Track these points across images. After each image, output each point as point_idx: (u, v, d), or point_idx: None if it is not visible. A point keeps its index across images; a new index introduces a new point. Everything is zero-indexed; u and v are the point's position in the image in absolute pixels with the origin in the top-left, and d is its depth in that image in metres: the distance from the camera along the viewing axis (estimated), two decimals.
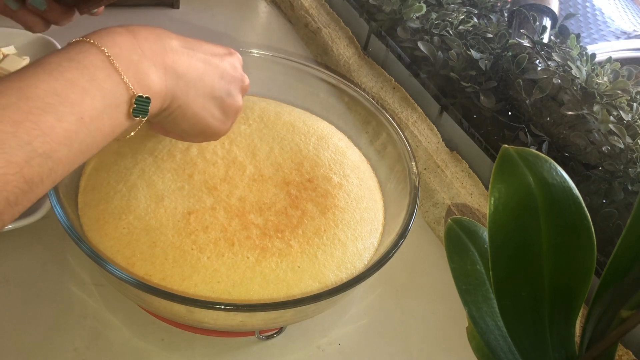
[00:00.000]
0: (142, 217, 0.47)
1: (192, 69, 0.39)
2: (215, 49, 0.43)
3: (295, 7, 0.90)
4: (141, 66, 0.36)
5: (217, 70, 0.42)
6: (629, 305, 0.31)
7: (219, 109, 0.43)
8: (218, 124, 0.44)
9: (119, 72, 0.34)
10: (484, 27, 0.71)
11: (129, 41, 0.36)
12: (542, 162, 0.35)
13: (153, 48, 0.37)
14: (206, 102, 0.41)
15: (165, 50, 0.38)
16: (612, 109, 0.57)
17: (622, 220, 0.52)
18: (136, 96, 0.35)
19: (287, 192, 0.52)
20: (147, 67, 0.36)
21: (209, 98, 0.42)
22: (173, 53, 0.38)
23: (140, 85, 0.35)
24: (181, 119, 0.41)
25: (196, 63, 0.40)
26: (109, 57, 0.34)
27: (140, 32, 0.37)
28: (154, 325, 0.50)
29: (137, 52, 0.36)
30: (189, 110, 0.40)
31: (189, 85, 0.39)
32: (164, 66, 0.37)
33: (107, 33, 0.35)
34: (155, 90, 0.37)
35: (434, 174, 0.64)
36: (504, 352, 0.36)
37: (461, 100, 0.65)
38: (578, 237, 0.34)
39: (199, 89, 0.40)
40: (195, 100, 0.40)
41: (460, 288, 0.38)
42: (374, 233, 0.52)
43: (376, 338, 0.53)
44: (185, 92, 0.39)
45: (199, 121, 0.42)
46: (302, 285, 0.46)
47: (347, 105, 0.62)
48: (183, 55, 0.39)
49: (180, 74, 0.38)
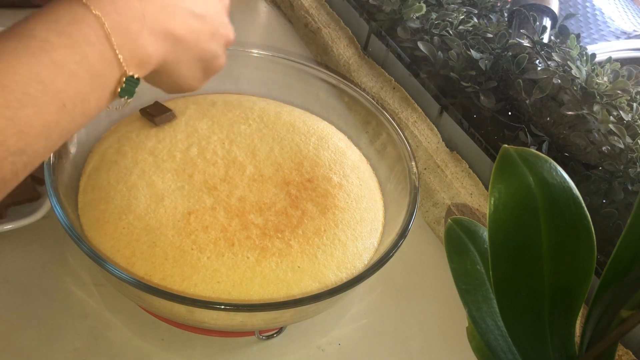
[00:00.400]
0: (142, 217, 0.47)
1: (190, 32, 0.36)
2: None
3: (295, 7, 0.90)
4: (140, 39, 0.32)
5: (211, 29, 0.39)
6: (629, 305, 0.31)
7: (202, 70, 0.41)
8: (197, 83, 0.42)
9: (113, 49, 0.30)
10: (484, 27, 0.71)
11: (132, 4, 0.32)
12: (542, 162, 0.35)
13: (157, 10, 0.33)
14: (193, 64, 0.39)
15: (167, 13, 0.34)
16: (612, 109, 0.57)
17: (622, 220, 0.52)
18: (127, 76, 0.32)
19: (287, 192, 0.52)
20: (145, 39, 0.32)
21: (197, 60, 0.39)
22: (174, 12, 0.35)
23: (135, 62, 0.32)
24: (165, 77, 0.39)
25: (194, 23, 0.37)
26: (105, 28, 0.30)
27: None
28: (154, 325, 0.50)
29: (138, 19, 0.32)
30: (176, 72, 0.38)
31: (183, 49, 0.37)
32: (164, 32, 0.34)
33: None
34: (148, 62, 0.34)
35: (434, 174, 0.64)
36: (504, 352, 0.36)
37: (461, 100, 0.65)
38: (578, 237, 0.34)
39: (191, 53, 0.38)
40: (184, 64, 0.38)
41: (460, 288, 0.38)
42: (374, 233, 0.52)
43: (376, 338, 0.53)
44: (177, 57, 0.37)
45: (180, 80, 0.40)
46: (302, 285, 0.46)
47: (347, 105, 0.62)
48: (183, 12, 0.36)
49: (178, 39, 0.35)
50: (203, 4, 0.38)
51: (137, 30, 0.32)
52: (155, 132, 0.55)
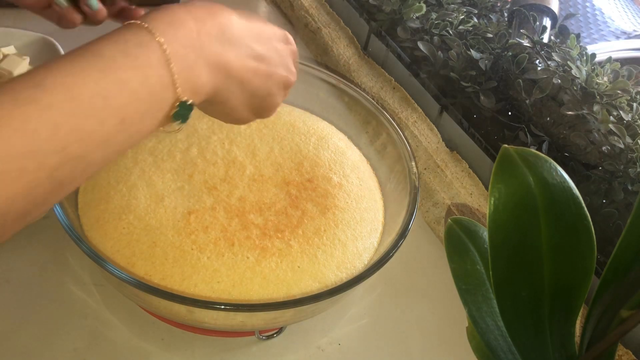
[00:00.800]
0: (142, 217, 0.47)
1: (245, 68, 0.38)
2: (272, 35, 0.42)
3: (295, 7, 0.90)
4: (195, 67, 0.34)
5: (268, 69, 0.40)
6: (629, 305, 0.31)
7: (255, 106, 0.42)
8: (249, 117, 0.43)
9: (172, 74, 0.32)
10: (484, 27, 0.71)
11: (190, 35, 0.34)
12: (542, 162, 0.35)
13: (213, 44, 0.35)
14: (246, 99, 0.40)
15: (224, 48, 0.36)
16: (612, 109, 0.57)
17: (622, 220, 0.52)
18: (181, 101, 0.34)
19: (287, 192, 0.52)
20: (201, 68, 0.34)
21: (250, 96, 0.40)
22: (231, 49, 0.37)
23: (189, 88, 0.34)
24: (218, 109, 0.40)
25: (250, 62, 0.38)
26: (167, 54, 0.32)
27: (204, 21, 0.35)
28: (154, 325, 0.50)
29: (195, 50, 0.34)
30: (228, 104, 0.40)
31: (236, 83, 0.38)
32: (218, 66, 0.36)
33: (170, 21, 0.33)
34: (202, 90, 0.35)
35: (434, 174, 0.64)
36: (504, 352, 0.36)
37: (461, 100, 0.65)
38: (578, 237, 0.34)
39: (245, 88, 0.39)
40: (237, 97, 0.39)
41: (460, 288, 0.38)
42: (374, 233, 0.52)
43: (376, 338, 0.53)
44: (231, 90, 0.38)
45: (232, 113, 0.41)
46: (302, 285, 0.46)
47: (347, 105, 0.62)
48: (240, 51, 0.37)
49: (231, 74, 0.37)
50: (265, 44, 0.40)
51: (193, 59, 0.34)
52: (155, 132, 0.55)
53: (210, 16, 0.36)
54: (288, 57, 0.43)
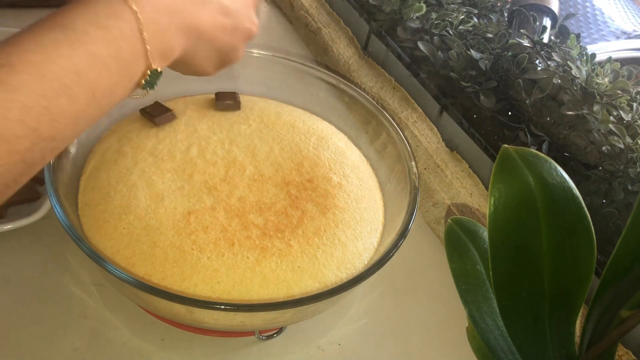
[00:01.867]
0: (142, 217, 0.47)
1: (214, 26, 0.38)
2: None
3: (295, 7, 0.90)
4: (167, 32, 0.34)
5: (234, 23, 0.40)
6: (629, 305, 0.31)
7: (219, 59, 0.42)
8: (212, 70, 0.43)
9: (143, 43, 0.32)
10: (484, 27, 0.71)
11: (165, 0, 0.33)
12: (542, 162, 0.35)
13: (187, 5, 0.35)
14: (211, 54, 0.40)
15: (197, 6, 0.36)
16: (612, 109, 0.57)
17: (622, 220, 0.52)
18: (152, 69, 0.33)
19: (287, 192, 0.52)
20: (172, 32, 0.34)
21: (215, 51, 0.40)
22: (203, 7, 0.36)
23: (160, 55, 0.34)
24: (182, 64, 0.40)
25: (219, 18, 0.38)
26: (140, 23, 0.31)
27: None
28: (154, 325, 0.50)
29: (169, 14, 0.33)
30: (194, 61, 0.39)
31: (204, 42, 0.38)
32: (190, 27, 0.35)
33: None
34: (172, 56, 0.35)
35: (434, 174, 0.64)
36: (504, 352, 0.36)
37: (461, 100, 0.65)
38: (578, 237, 0.34)
39: (211, 45, 0.39)
40: (203, 54, 0.39)
41: (460, 288, 0.38)
42: (374, 233, 0.52)
43: (376, 338, 0.53)
44: (198, 48, 0.38)
45: (196, 68, 0.41)
46: (302, 285, 0.46)
47: (347, 105, 0.62)
48: (210, 6, 0.37)
49: (200, 34, 0.37)
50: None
51: (166, 25, 0.33)
52: (155, 132, 0.55)
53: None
54: (250, 7, 0.43)
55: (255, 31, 0.44)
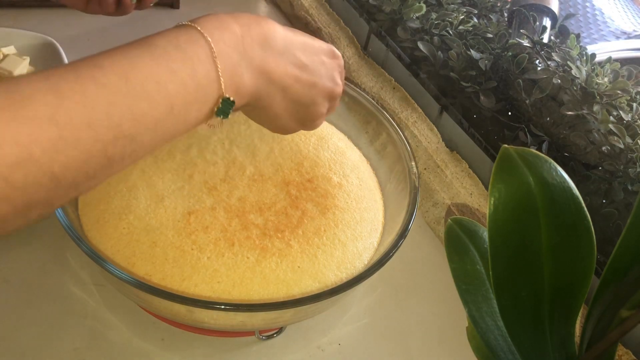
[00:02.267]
0: (142, 217, 0.47)
1: (286, 75, 0.40)
2: (318, 48, 0.43)
3: (295, 7, 0.90)
4: (239, 67, 0.36)
5: (311, 78, 0.42)
6: (629, 305, 0.31)
7: (299, 114, 0.43)
8: (294, 125, 0.44)
9: (217, 70, 0.35)
10: (484, 27, 0.71)
11: (235, 38, 0.36)
12: (542, 162, 0.35)
13: (255, 49, 0.37)
14: (289, 106, 0.42)
15: (266, 54, 0.38)
16: (612, 109, 0.57)
17: (622, 220, 0.52)
18: (223, 97, 0.35)
19: (287, 192, 0.52)
20: (243, 69, 0.36)
21: (293, 103, 0.42)
22: (273, 56, 0.39)
23: (232, 86, 0.36)
24: (262, 114, 0.42)
25: (292, 69, 0.40)
26: (213, 52, 0.34)
27: (249, 27, 0.37)
28: (154, 325, 0.50)
29: (239, 51, 0.36)
30: (271, 110, 0.41)
31: (278, 89, 0.40)
32: (260, 70, 0.38)
33: (217, 24, 0.36)
34: (244, 91, 0.37)
35: (434, 174, 0.64)
36: (504, 352, 0.36)
37: (461, 100, 0.65)
38: (578, 237, 0.34)
39: (286, 95, 0.41)
40: (280, 104, 0.41)
41: (460, 288, 0.38)
42: (373, 233, 0.52)
43: (376, 338, 0.53)
44: (272, 95, 0.40)
45: (276, 120, 0.43)
46: (302, 285, 0.46)
47: (347, 105, 0.62)
48: (282, 59, 0.39)
49: (273, 79, 0.39)
50: (310, 55, 0.42)
51: (237, 60, 0.36)
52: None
53: (255, 23, 0.38)
54: (334, 70, 0.45)
55: (339, 92, 0.45)
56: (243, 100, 0.38)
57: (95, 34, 0.79)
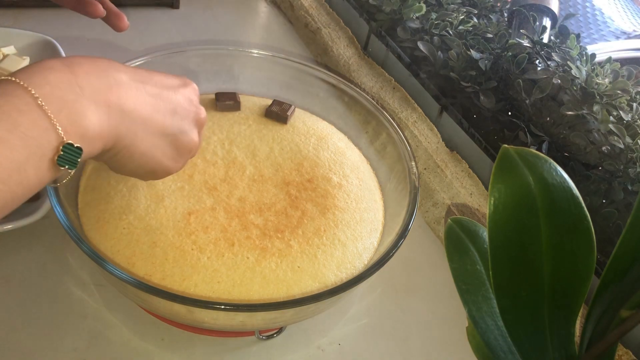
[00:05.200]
0: (142, 217, 0.47)
1: (141, 105, 0.36)
2: (168, 81, 0.40)
3: (295, 7, 0.90)
4: (77, 106, 0.32)
5: (169, 105, 0.38)
6: (629, 305, 0.31)
7: (171, 147, 0.40)
8: (170, 162, 0.41)
9: (47, 116, 0.30)
10: (484, 27, 0.71)
11: (65, 78, 0.32)
12: (542, 162, 0.35)
13: (94, 84, 0.33)
14: (156, 140, 0.38)
15: (110, 85, 0.34)
16: (612, 109, 0.57)
17: (622, 220, 0.52)
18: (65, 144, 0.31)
19: (286, 192, 0.52)
20: (84, 107, 0.32)
21: (159, 136, 0.38)
22: (119, 87, 0.35)
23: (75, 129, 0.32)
24: (128, 159, 0.37)
25: (145, 97, 0.36)
26: (37, 98, 0.30)
27: (81, 66, 0.33)
28: (154, 325, 0.50)
29: (74, 91, 0.32)
30: (137, 149, 0.37)
31: (137, 123, 0.36)
32: (108, 104, 0.33)
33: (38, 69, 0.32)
34: (93, 133, 0.33)
35: (434, 174, 0.64)
36: (504, 352, 0.36)
37: (461, 100, 0.65)
38: (578, 237, 0.34)
39: (148, 127, 0.37)
40: (144, 139, 0.37)
41: (460, 288, 0.38)
42: (373, 233, 0.52)
43: (376, 338, 0.53)
44: (132, 130, 0.36)
45: (147, 161, 0.39)
46: (302, 285, 0.46)
47: (347, 105, 0.62)
48: (131, 89, 0.35)
49: (127, 111, 0.35)
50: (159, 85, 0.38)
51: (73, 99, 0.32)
52: None
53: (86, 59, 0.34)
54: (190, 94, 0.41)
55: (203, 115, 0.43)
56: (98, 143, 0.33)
57: (95, 34, 0.79)
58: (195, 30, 0.86)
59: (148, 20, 0.86)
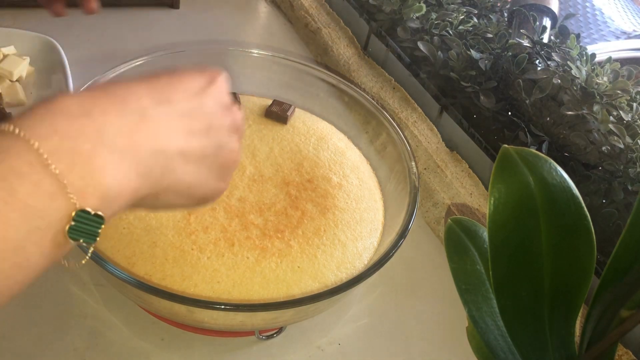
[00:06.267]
0: (142, 217, 0.47)
1: (174, 134, 0.30)
2: (194, 84, 0.33)
3: (295, 7, 0.90)
4: (94, 159, 0.25)
5: (204, 121, 0.32)
6: (629, 305, 0.31)
7: (214, 166, 0.33)
8: (219, 183, 0.35)
9: (55, 177, 0.24)
10: (484, 27, 0.71)
11: (78, 123, 0.26)
12: (542, 162, 0.35)
13: (115, 124, 0.27)
14: (198, 166, 0.32)
15: (135, 122, 0.28)
16: (612, 109, 0.57)
17: (622, 220, 0.52)
18: (77, 211, 0.25)
19: (286, 192, 0.52)
20: (104, 159, 0.26)
21: (201, 159, 0.32)
22: (146, 121, 0.28)
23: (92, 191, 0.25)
24: (174, 196, 0.32)
25: (177, 123, 0.30)
26: (41, 155, 0.24)
27: (95, 101, 0.27)
28: (154, 325, 0.50)
29: (89, 138, 0.25)
30: (181, 185, 0.31)
31: (174, 159, 0.30)
32: (134, 147, 0.27)
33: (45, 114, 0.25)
34: (119, 189, 0.26)
35: (434, 174, 0.64)
36: (504, 352, 0.36)
37: (461, 100, 0.65)
38: (578, 237, 0.34)
39: (187, 157, 0.31)
40: (186, 172, 0.31)
41: (460, 288, 0.38)
42: (373, 233, 0.52)
43: (376, 338, 0.53)
44: (170, 169, 0.30)
45: (195, 191, 0.33)
46: (302, 285, 0.46)
47: (347, 105, 0.62)
48: (160, 118, 0.29)
49: (160, 150, 0.29)
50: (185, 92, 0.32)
51: (89, 150, 0.25)
52: None
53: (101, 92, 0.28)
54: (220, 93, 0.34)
55: (238, 117, 0.36)
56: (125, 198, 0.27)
57: (95, 34, 0.79)
58: (195, 30, 0.86)
59: (148, 20, 0.86)
